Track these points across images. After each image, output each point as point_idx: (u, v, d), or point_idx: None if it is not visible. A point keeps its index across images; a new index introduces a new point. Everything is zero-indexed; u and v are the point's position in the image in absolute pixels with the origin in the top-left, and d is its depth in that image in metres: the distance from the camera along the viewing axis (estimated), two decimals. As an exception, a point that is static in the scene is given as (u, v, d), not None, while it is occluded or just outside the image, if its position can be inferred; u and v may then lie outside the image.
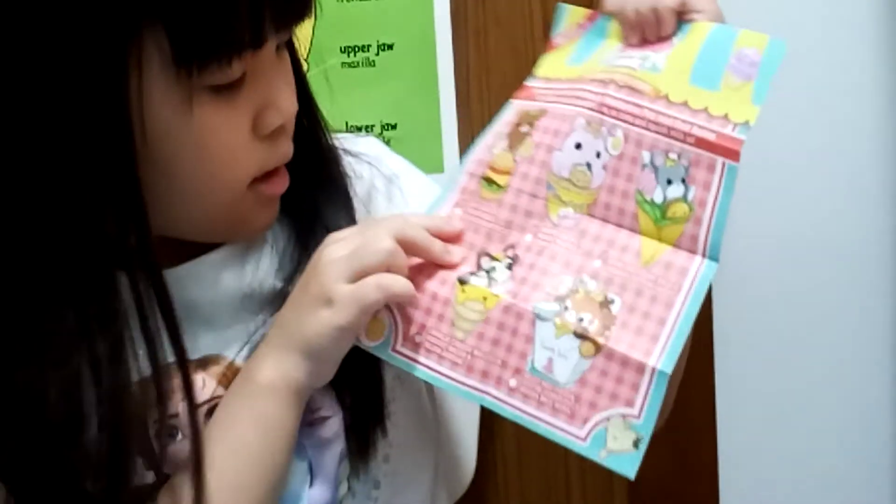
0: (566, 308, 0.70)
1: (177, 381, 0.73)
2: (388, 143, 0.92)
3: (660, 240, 0.71)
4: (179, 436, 0.74)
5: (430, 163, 1.16)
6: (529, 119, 0.77)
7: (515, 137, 0.77)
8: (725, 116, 0.71)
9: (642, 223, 0.72)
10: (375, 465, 0.81)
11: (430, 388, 0.89)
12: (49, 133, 0.67)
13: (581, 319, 0.69)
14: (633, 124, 0.73)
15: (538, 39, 1.20)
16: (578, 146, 0.74)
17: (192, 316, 0.75)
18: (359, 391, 0.79)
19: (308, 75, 0.81)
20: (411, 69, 1.18)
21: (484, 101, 1.21)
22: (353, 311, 0.70)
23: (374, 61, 1.18)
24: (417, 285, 0.72)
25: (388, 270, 0.71)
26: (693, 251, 0.70)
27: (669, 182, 0.71)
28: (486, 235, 0.75)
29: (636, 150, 0.72)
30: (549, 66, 0.81)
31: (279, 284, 0.78)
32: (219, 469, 0.70)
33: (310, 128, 0.81)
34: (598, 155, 0.74)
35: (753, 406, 1.32)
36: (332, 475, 0.79)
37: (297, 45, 0.79)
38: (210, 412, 0.75)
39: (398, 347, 0.73)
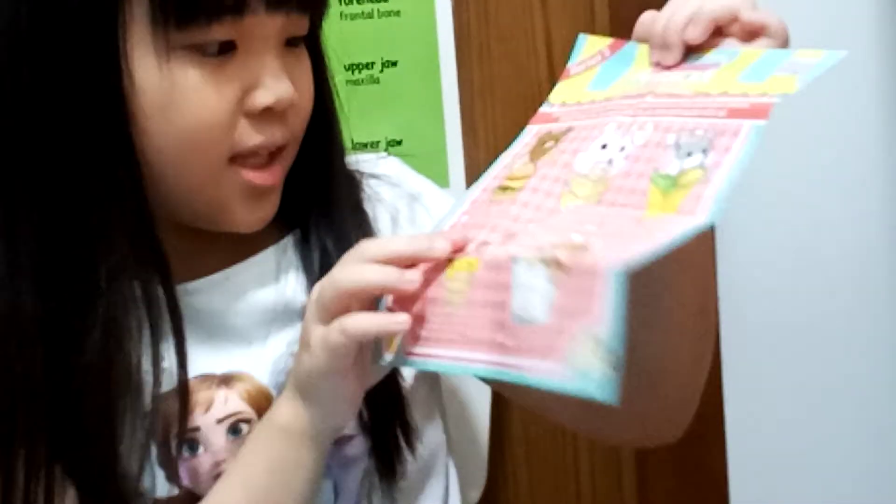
0: (542, 248, 0.62)
1: (202, 395, 0.75)
2: (393, 159, 0.93)
3: (663, 209, 0.63)
4: (201, 449, 0.76)
5: (436, 179, 1.13)
6: (553, 137, 0.72)
7: (538, 152, 0.72)
8: (763, 94, 0.65)
9: (650, 197, 0.64)
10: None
11: (438, 397, 0.89)
12: (42, 85, 0.71)
13: (555, 252, 0.61)
14: (664, 116, 0.67)
15: (541, 55, 1.21)
16: (604, 146, 0.69)
17: (220, 329, 0.76)
18: (377, 411, 0.78)
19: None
20: (416, 86, 1.18)
21: (488, 116, 1.21)
22: (325, 357, 0.67)
23: (378, 79, 1.18)
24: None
25: (371, 294, 0.66)
26: (692, 213, 0.61)
27: (689, 154, 0.64)
28: (490, 229, 0.68)
29: (663, 136, 0.66)
30: (567, 91, 0.75)
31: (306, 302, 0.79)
32: (221, 500, 0.71)
33: (325, 147, 0.81)
34: (623, 149, 0.67)
35: (763, 415, 1.30)
36: (354, 493, 0.80)
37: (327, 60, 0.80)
38: (232, 428, 0.76)
39: (410, 350, 0.67)
